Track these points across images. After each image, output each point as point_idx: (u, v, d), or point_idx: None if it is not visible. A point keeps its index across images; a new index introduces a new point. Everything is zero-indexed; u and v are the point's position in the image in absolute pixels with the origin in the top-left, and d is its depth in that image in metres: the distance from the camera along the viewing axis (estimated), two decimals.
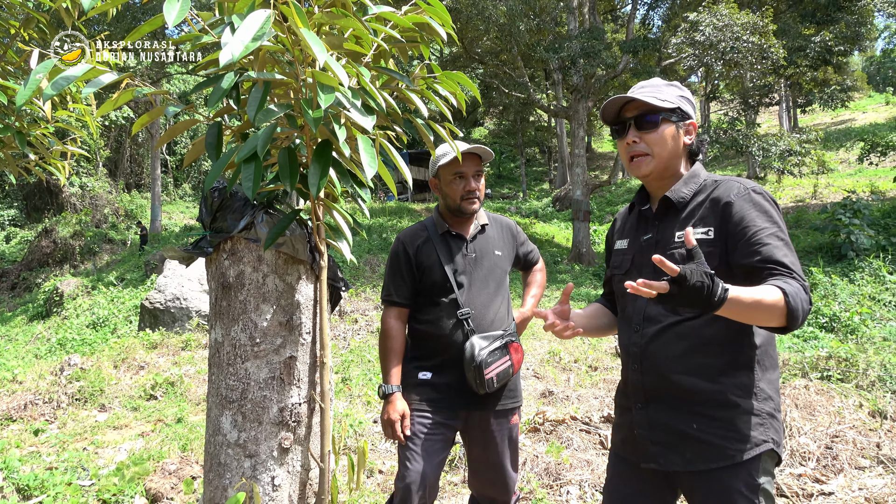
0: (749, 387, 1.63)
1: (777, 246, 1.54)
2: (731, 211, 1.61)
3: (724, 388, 1.62)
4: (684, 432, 1.64)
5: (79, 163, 28.82)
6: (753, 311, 1.42)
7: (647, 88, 1.73)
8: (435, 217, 2.59)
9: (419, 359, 2.50)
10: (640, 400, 1.74)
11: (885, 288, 9.00)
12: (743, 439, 1.60)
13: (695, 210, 1.69)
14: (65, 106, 3.04)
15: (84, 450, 4.76)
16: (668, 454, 1.66)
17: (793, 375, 5.59)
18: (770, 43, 16.44)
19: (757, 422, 1.62)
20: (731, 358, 1.64)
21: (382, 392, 2.41)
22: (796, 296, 1.44)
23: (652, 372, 1.69)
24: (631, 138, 1.70)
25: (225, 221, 1.79)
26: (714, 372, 1.63)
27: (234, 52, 1.16)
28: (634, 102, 1.70)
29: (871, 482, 3.50)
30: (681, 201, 1.71)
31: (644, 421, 1.71)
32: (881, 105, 47.18)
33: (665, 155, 1.71)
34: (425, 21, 1.76)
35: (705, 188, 1.72)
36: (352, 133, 1.57)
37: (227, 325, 1.79)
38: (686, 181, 1.74)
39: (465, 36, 20.72)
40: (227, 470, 1.77)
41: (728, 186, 1.67)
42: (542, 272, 2.88)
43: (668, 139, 1.71)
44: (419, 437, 2.36)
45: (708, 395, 1.62)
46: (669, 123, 1.70)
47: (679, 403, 1.66)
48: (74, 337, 12.09)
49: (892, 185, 14.45)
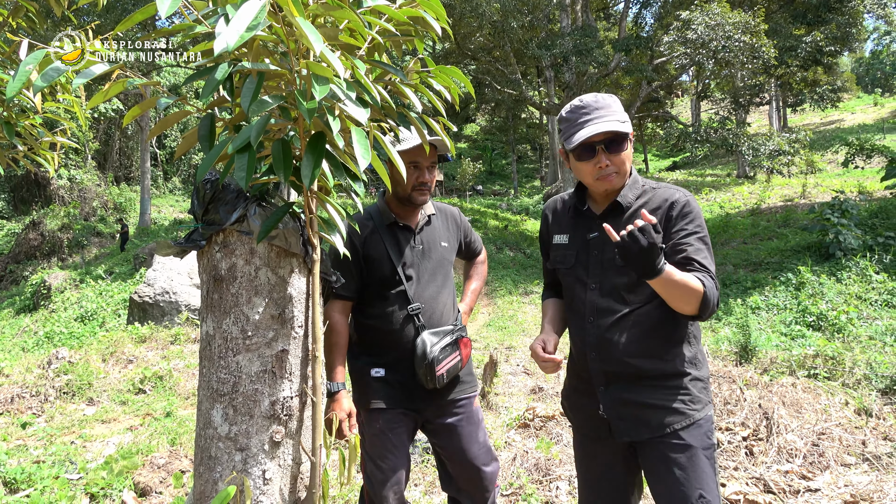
0: (691, 358, 1.91)
1: (700, 248, 1.83)
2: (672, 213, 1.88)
3: (673, 361, 1.89)
4: (647, 403, 1.88)
5: (67, 155, 28.58)
6: (680, 290, 1.71)
7: (603, 111, 1.89)
8: (381, 205, 2.49)
9: (370, 355, 2.43)
10: (601, 383, 1.95)
11: (871, 287, 9.08)
12: (696, 400, 1.88)
13: (636, 213, 1.93)
14: (54, 97, 3.01)
15: (72, 443, 4.73)
16: (636, 426, 1.89)
17: (780, 373, 5.63)
18: (761, 42, 16.54)
19: (702, 385, 1.91)
20: (673, 336, 1.90)
21: (328, 391, 2.31)
22: (711, 291, 1.75)
23: (610, 358, 1.91)
24: (604, 162, 1.89)
25: (217, 214, 1.78)
26: (663, 350, 1.89)
27: (230, 41, 1.15)
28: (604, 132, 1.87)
29: (856, 479, 3.54)
30: (627, 205, 1.95)
31: (609, 402, 1.93)
32: (869, 106, 47.58)
33: (626, 169, 1.95)
34: (420, 15, 1.76)
35: (645, 192, 1.97)
36: (346, 125, 1.56)
37: (218, 318, 1.78)
38: (630, 187, 1.97)
39: (458, 32, 20.71)
40: (218, 463, 1.77)
41: (668, 192, 1.94)
42: (483, 264, 2.84)
43: (629, 155, 1.95)
44: (384, 433, 2.32)
45: (661, 370, 1.88)
46: (629, 142, 1.93)
47: (638, 381, 1.90)
48: (62, 330, 12.00)
49: (879, 186, 14.56)
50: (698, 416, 1.86)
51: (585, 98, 1.92)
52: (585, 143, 1.88)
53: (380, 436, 2.34)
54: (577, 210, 2.07)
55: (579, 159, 1.92)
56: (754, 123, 33.42)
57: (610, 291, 1.92)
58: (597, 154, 1.88)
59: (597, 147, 1.88)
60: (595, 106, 1.90)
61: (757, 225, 14.81)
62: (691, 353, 1.91)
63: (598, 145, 1.88)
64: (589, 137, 1.86)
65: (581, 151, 1.90)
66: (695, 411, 1.85)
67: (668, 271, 1.67)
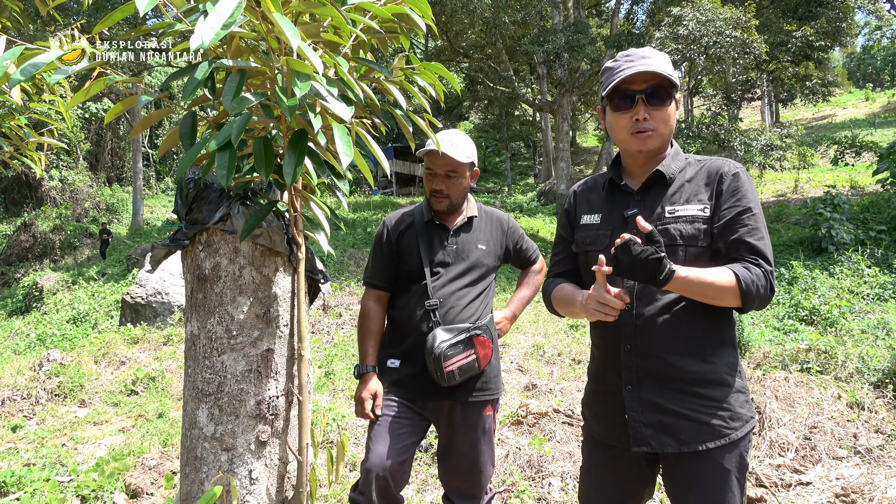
0: (735, 365, 1.68)
1: (753, 228, 1.59)
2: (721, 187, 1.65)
3: (716, 367, 1.64)
4: (678, 412, 1.63)
5: (58, 156, 28.43)
6: (703, 289, 1.50)
7: (652, 59, 1.65)
8: (423, 203, 2.59)
9: (390, 345, 2.51)
10: (631, 381, 1.70)
11: (863, 281, 9.12)
12: (735, 417, 1.63)
13: (683, 186, 1.70)
14: (40, 97, 2.99)
15: (63, 446, 4.70)
16: (660, 436, 1.65)
17: (773, 367, 5.65)
18: (752, 38, 16.58)
19: (744, 399, 1.67)
20: (719, 337, 1.67)
21: (357, 371, 2.44)
22: (750, 280, 1.51)
23: (646, 352, 1.67)
24: (642, 114, 1.65)
25: (200, 213, 1.77)
26: (708, 351, 1.65)
27: (205, 38, 1.13)
28: (643, 74, 1.63)
29: (848, 472, 3.55)
30: (672, 177, 1.71)
31: (636, 403, 1.68)
32: (861, 101, 47.81)
33: (668, 131, 1.70)
34: (405, 12, 1.75)
35: (689, 165, 1.74)
36: (328, 122, 1.55)
37: (203, 318, 1.77)
38: (674, 157, 1.74)
39: (449, 29, 20.70)
40: (204, 463, 1.76)
41: (716, 163, 1.71)
42: (539, 273, 2.80)
43: (672, 114, 1.69)
44: (385, 422, 2.35)
45: (702, 375, 1.63)
46: (673, 99, 1.68)
47: (672, 384, 1.65)
48: (54, 332, 11.94)
49: (870, 181, 14.64)
50: (737, 435, 1.63)
51: (633, 49, 1.71)
52: (624, 90, 1.66)
53: (379, 423, 2.36)
54: (612, 185, 1.82)
55: (616, 109, 1.69)
56: (746, 119, 33.52)
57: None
58: (636, 105, 1.65)
59: (636, 97, 1.64)
60: (642, 55, 1.67)
61: None
62: (735, 358, 1.69)
63: (638, 94, 1.64)
64: (630, 77, 1.62)
65: (619, 101, 1.68)
66: (733, 430, 1.62)
67: (680, 276, 1.46)
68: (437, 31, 20.91)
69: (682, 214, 1.65)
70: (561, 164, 20.78)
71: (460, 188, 2.49)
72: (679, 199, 1.68)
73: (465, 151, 2.44)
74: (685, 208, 1.65)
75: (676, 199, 1.68)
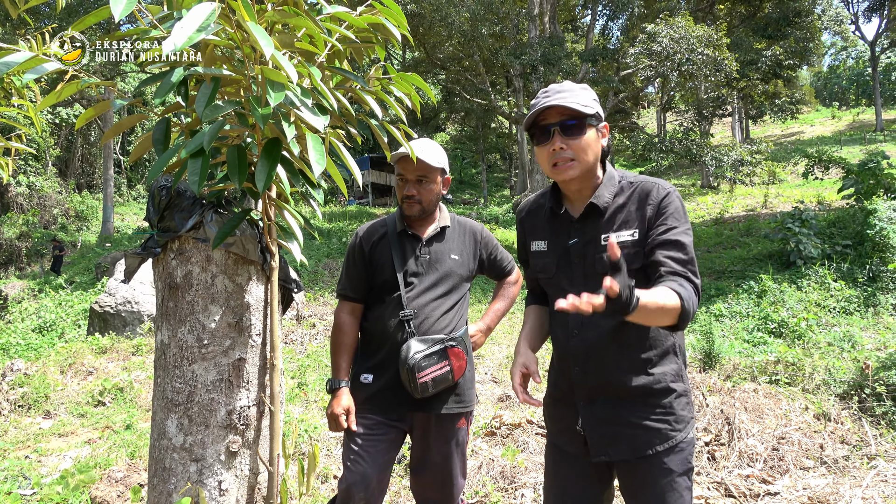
0: (678, 371, 1.80)
1: (680, 245, 1.67)
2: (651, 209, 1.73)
3: (659, 377, 1.76)
4: (630, 422, 1.75)
5: (27, 162, 27.85)
6: (656, 315, 1.53)
7: (565, 94, 1.75)
8: (396, 213, 2.58)
9: (363, 358, 2.49)
10: (583, 398, 1.82)
11: (830, 295, 9.31)
12: (679, 420, 1.76)
13: (617, 212, 1.78)
14: (8, 101, 2.93)
15: (26, 458, 4.58)
16: (616, 446, 1.76)
17: (742, 379, 5.74)
18: (723, 56, 16.94)
19: (685, 402, 1.80)
20: (662, 349, 1.78)
21: (330, 386, 2.40)
22: (689, 300, 1.57)
23: (596, 372, 1.78)
24: (558, 144, 1.73)
25: (172, 220, 1.75)
26: (650, 364, 1.76)
27: (178, 42, 1.13)
28: (556, 108, 1.72)
29: (814, 482, 3.61)
30: (605, 205, 1.78)
31: (591, 418, 1.80)
32: (828, 119, 49.00)
33: (588, 160, 1.76)
34: (380, 22, 1.76)
35: (623, 190, 1.81)
36: (302, 132, 1.55)
37: (173, 327, 1.75)
38: (606, 185, 1.81)
39: (427, 41, 20.81)
40: (172, 475, 1.73)
41: (647, 186, 1.77)
42: (514, 285, 2.80)
43: (591, 143, 1.75)
44: (361, 438, 2.34)
45: (647, 387, 1.75)
46: (591, 128, 1.75)
47: (621, 398, 1.77)
48: (19, 342, 11.62)
49: (837, 197, 14.99)
50: (681, 436, 1.76)
51: (553, 84, 1.80)
52: (541, 124, 1.76)
53: (354, 440, 2.34)
54: (553, 213, 1.91)
55: (537, 143, 1.79)
56: (717, 135, 34.16)
57: None
58: (552, 137, 1.73)
59: (552, 129, 1.73)
60: (558, 89, 1.77)
61: (720, 234, 15.10)
62: (677, 365, 1.80)
63: (553, 127, 1.73)
64: (541, 113, 1.74)
65: (539, 135, 1.77)
66: (678, 432, 1.75)
67: (641, 304, 1.49)
68: (415, 43, 21.00)
69: (617, 241, 1.70)
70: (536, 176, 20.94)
71: (432, 194, 2.49)
72: (612, 226, 1.76)
73: (436, 157, 2.45)
74: (617, 234, 1.74)
75: (610, 226, 1.77)
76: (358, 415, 2.38)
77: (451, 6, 18.61)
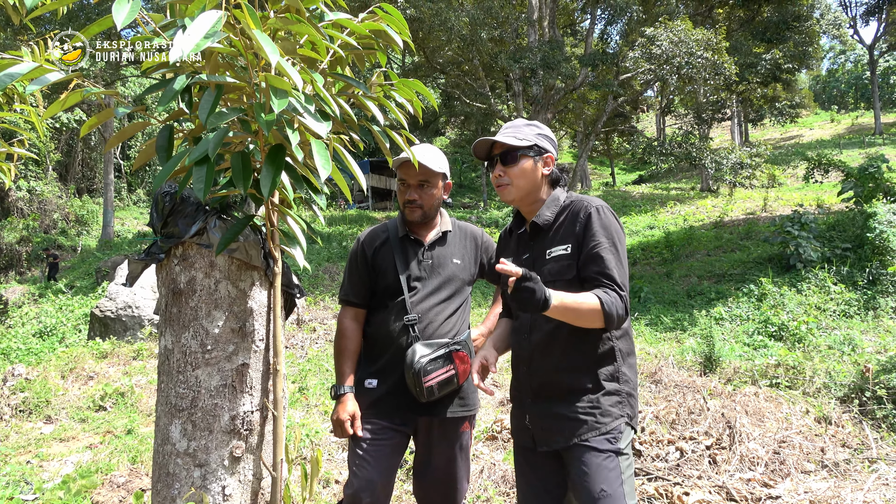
0: (613, 373, 2.00)
1: (608, 260, 1.92)
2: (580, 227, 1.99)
3: (592, 377, 1.98)
4: (564, 415, 1.98)
5: (27, 166, 27.88)
6: (576, 313, 1.81)
7: (509, 130, 2.11)
8: (398, 219, 2.59)
9: (367, 363, 2.49)
10: (529, 395, 2.09)
11: (830, 298, 9.32)
12: (605, 414, 1.96)
13: (558, 229, 2.06)
14: (11, 106, 2.94)
15: (28, 463, 4.58)
16: (554, 436, 2.01)
17: (743, 383, 5.74)
18: (723, 59, 16.97)
19: (617, 400, 1.99)
20: (598, 352, 1.99)
21: (334, 392, 2.41)
22: (611, 303, 1.83)
23: (538, 372, 2.05)
24: (497, 172, 2.09)
25: (176, 226, 1.76)
26: (585, 365, 1.99)
27: (185, 48, 1.14)
28: (499, 143, 2.08)
29: (815, 485, 3.61)
30: (546, 223, 2.08)
31: (535, 412, 2.06)
32: (827, 122, 49.08)
33: (523, 184, 2.08)
34: (382, 28, 1.77)
35: (564, 209, 2.09)
36: (305, 138, 1.56)
37: (177, 332, 1.76)
38: (548, 205, 2.11)
39: (427, 46, 20.85)
40: (176, 480, 1.73)
41: (579, 206, 2.04)
42: None
43: (527, 171, 2.08)
44: (366, 443, 2.34)
45: (580, 384, 1.98)
46: (527, 158, 2.08)
47: (561, 394, 2.01)
48: (19, 346, 11.63)
49: (836, 200, 15.00)
50: (606, 428, 1.95)
51: (509, 122, 2.16)
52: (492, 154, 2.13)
53: (360, 445, 2.35)
54: (517, 234, 2.22)
55: (487, 170, 2.16)
56: (717, 138, 34.16)
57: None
58: (495, 165, 2.10)
59: (495, 158, 2.10)
60: (507, 126, 2.15)
61: (720, 237, 15.10)
62: (613, 368, 2.00)
63: (496, 157, 2.10)
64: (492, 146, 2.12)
65: (489, 163, 2.15)
66: (603, 424, 1.95)
67: (557, 303, 1.75)
68: (415, 48, 21.04)
69: (555, 255, 2.01)
70: None
71: (433, 198, 2.52)
72: (553, 242, 2.04)
73: (437, 162, 2.48)
74: (555, 250, 2.02)
75: (551, 242, 2.05)
76: (363, 420, 2.39)
77: (451, 11, 18.65)
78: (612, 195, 25.35)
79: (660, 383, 5.74)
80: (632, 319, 9.83)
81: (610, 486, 1.89)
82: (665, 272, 13.02)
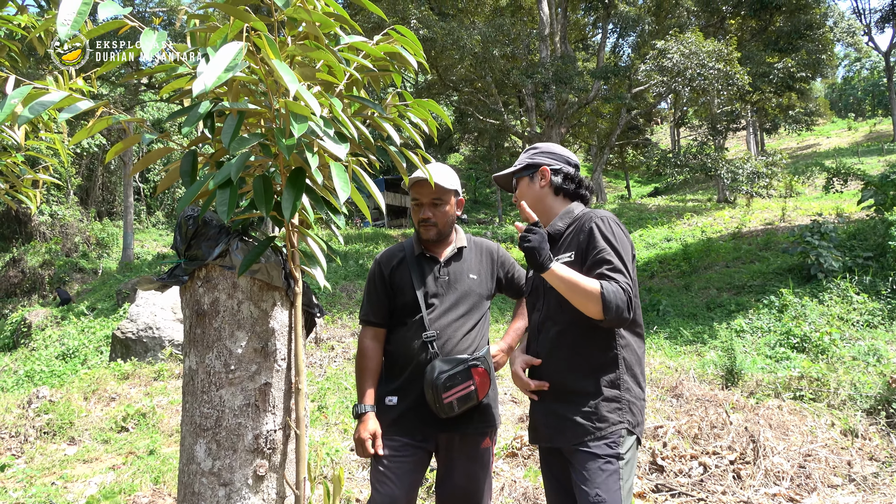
0: (614, 380, 2.07)
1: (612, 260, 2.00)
2: (584, 238, 2.09)
3: (596, 382, 2.06)
4: (566, 417, 2.08)
5: (49, 191, 28.37)
6: (572, 287, 1.92)
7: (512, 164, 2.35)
8: (413, 238, 2.63)
9: (388, 381, 2.52)
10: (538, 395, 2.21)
11: (852, 308, 9.18)
12: (602, 419, 2.03)
13: (566, 239, 2.19)
14: (36, 134, 3.02)
15: (52, 484, 4.63)
16: (556, 435, 2.11)
17: (766, 396, 5.67)
18: (735, 70, 16.92)
19: (616, 407, 2.05)
20: (602, 358, 2.08)
21: (356, 412, 2.43)
22: (612, 291, 1.89)
23: (544, 373, 2.16)
24: (515, 195, 2.36)
25: (199, 249, 1.80)
26: (590, 370, 2.07)
27: (207, 82, 1.18)
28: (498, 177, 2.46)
29: (843, 500, 3.55)
30: (556, 233, 2.23)
31: (541, 410, 2.19)
32: (844, 130, 48.61)
33: (529, 201, 2.29)
34: (396, 51, 1.81)
35: (576, 221, 2.21)
36: (324, 160, 1.59)
37: (201, 353, 1.79)
38: (561, 217, 2.26)
39: (439, 64, 20.99)
40: (201, 499, 1.75)
41: (584, 218, 2.16)
42: None
43: (524, 189, 2.33)
44: (388, 460, 2.36)
45: (582, 388, 2.07)
46: (522, 179, 2.34)
47: (564, 396, 2.10)
48: (43, 369, 11.79)
49: (856, 208, 14.83)
50: (602, 433, 2.02)
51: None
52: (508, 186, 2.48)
53: (381, 462, 2.37)
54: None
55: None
56: (732, 148, 33.97)
57: (548, 313, 2.19)
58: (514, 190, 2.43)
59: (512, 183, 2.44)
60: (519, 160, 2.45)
61: (739, 248, 14.96)
62: (615, 375, 2.07)
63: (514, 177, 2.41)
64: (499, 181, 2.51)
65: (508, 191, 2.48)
66: (599, 430, 2.02)
67: (554, 268, 1.93)
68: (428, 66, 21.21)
69: (561, 261, 2.10)
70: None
71: (447, 216, 2.56)
72: (561, 250, 2.17)
73: (448, 179, 2.52)
74: (562, 257, 2.13)
75: (559, 250, 2.17)
76: (384, 437, 2.40)
77: (463, 30, 18.80)
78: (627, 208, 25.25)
79: (681, 397, 5.69)
80: (651, 333, 9.76)
81: (607, 492, 1.95)
82: (683, 285, 12.91)
